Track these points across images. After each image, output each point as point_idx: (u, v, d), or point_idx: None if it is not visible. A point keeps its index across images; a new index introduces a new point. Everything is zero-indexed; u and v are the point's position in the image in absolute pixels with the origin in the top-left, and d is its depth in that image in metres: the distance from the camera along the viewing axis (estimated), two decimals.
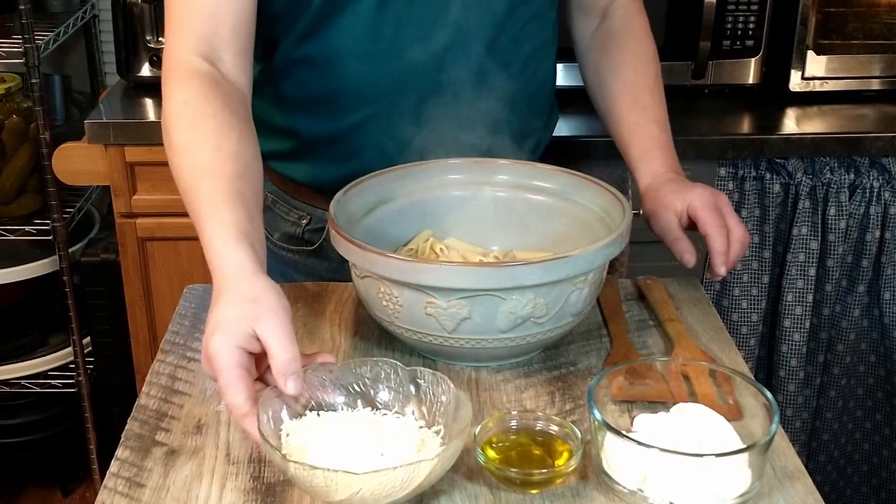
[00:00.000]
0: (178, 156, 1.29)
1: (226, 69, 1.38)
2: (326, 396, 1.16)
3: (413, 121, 1.51)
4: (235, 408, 1.08)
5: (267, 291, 1.14)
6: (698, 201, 1.41)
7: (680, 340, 1.37)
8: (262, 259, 1.20)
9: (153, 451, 1.17)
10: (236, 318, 1.11)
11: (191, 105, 1.31)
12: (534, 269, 1.20)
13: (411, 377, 1.17)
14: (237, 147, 1.28)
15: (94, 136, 2.34)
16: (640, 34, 1.66)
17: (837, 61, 2.51)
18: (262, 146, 1.40)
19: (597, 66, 1.67)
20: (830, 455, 2.66)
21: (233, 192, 1.23)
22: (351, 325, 1.42)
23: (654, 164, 1.52)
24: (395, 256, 1.24)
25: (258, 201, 1.28)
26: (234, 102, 1.34)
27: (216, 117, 1.30)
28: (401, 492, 1.02)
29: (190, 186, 1.26)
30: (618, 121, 1.60)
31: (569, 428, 1.13)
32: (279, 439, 1.10)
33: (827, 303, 2.47)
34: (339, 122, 1.53)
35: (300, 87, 1.54)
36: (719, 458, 1.04)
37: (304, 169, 1.61)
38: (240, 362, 1.10)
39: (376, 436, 1.09)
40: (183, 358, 1.35)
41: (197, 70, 1.35)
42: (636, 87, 1.61)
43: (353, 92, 1.51)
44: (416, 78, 1.49)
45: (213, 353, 1.10)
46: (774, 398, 1.10)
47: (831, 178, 2.36)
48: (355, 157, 1.54)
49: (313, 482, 1.01)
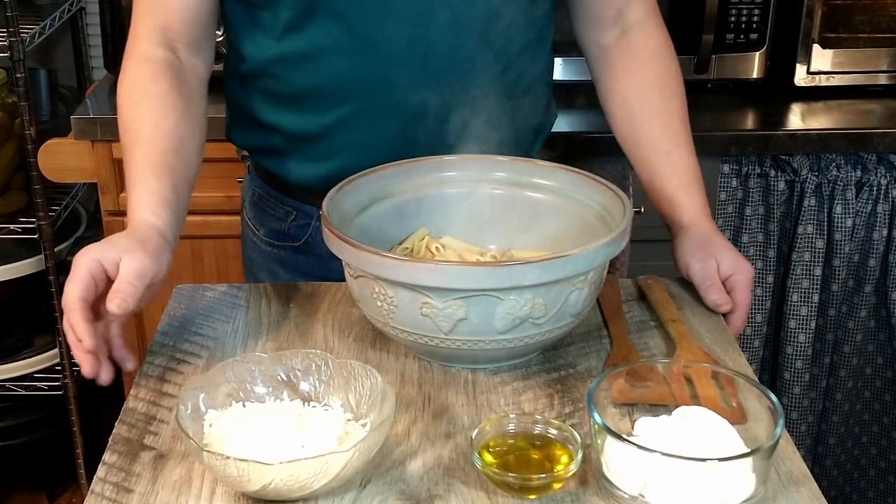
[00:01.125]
0: (123, 130, 1.44)
1: (181, 54, 1.51)
2: (253, 387, 1.20)
3: (399, 118, 1.52)
4: (67, 301, 1.24)
5: (157, 245, 1.31)
6: (724, 265, 1.48)
7: (682, 342, 1.37)
8: (172, 226, 1.36)
9: (141, 455, 1.17)
10: (115, 245, 1.28)
11: (140, 86, 1.46)
12: (532, 268, 1.20)
13: (341, 369, 1.19)
14: (174, 126, 1.43)
15: (80, 131, 2.34)
16: (662, 52, 1.63)
17: (844, 55, 2.51)
18: (248, 141, 1.65)
19: (618, 85, 1.63)
20: (836, 460, 2.66)
21: (161, 164, 1.39)
22: (344, 325, 1.42)
23: (696, 199, 1.55)
24: (389, 256, 1.24)
25: (186, 175, 1.42)
26: (182, 86, 1.48)
27: (160, 97, 1.44)
28: (316, 483, 1.05)
29: (127, 156, 1.41)
30: (646, 146, 1.59)
31: (568, 431, 1.13)
32: (201, 429, 1.13)
33: (833, 303, 2.47)
34: (323, 118, 1.55)
35: (283, 83, 1.55)
36: (722, 463, 1.04)
37: (290, 165, 1.62)
38: (92, 271, 1.25)
39: (300, 427, 1.12)
40: (172, 359, 1.35)
41: (152, 55, 1.48)
42: (665, 111, 1.59)
43: (336, 88, 1.52)
44: (399, 73, 1.49)
45: (77, 259, 1.26)
46: (779, 401, 1.10)
47: (837, 175, 2.36)
48: (340, 155, 1.56)
49: (226, 472, 1.03)
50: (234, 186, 2.37)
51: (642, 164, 1.59)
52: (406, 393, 1.28)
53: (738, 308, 1.47)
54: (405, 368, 1.33)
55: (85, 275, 1.25)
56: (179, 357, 1.36)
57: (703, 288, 1.47)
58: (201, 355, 1.36)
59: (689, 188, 1.55)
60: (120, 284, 1.24)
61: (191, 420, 1.12)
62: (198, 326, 1.42)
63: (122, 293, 1.23)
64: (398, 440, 1.19)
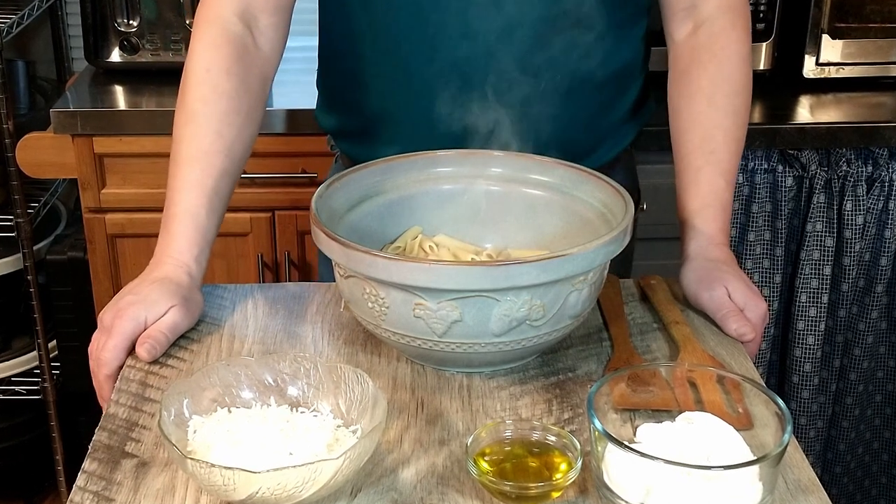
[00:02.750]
0: (185, 120, 1.48)
1: (258, 32, 1.54)
2: (239, 392, 1.20)
3: (479, 110, 1.51)
4: (104, 364, 1.34)
5: (198, 304, 1.42)
6: (736, 297, 1.43)
7: (686, 344, 1.36)
8: (205, 269, 1.45)
9: (123, 463, 1.17)
10: (160, 298, 1.36)
11: (212, 74, 1.48)
12: (530, 268, 1.20)
13: (331, 373, 1.19)
14: (236, 137, 1.48)
15: (60, 125, 2.34)
16: (727, 56, 1.56)
17: (854, 46, 2.51)
18: (331, 123, 1.73)
19: (675, 88, 1.59)
20: (847, 466, 2.66)
21: (215, 192, 1.45)
22: (334, 328, 1.42)
23: (711, 225, 1.50)
24: (381, 255, 1.23)
25: (231, 194, 1.49)
26: (252, 77, 1.52)
27: (230, 98, 1.48)
28: (304, 492, 1.05)
29: (182, 163, 1.46)
30: (681, 158, 1.55)
31: (567, 438, 1.13)
32: (185, 435, 1.13)
33: (843, 304, 2.48)
34: (412, 101, 1.57)
35: (365, 61, 1.59)
36: (728, 471, 1.04)
37: (377, 147, 1.61)
38: (133, 336, 1.35)
39: (287, 434, 1.13)
40: (155, 363, 1.34)
41: (229, 32, 1.50)
42: (707, 122, 1.54)
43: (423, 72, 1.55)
44: (474, 66, 1.52)
45: (123, 317, 1.35)
46: (787, 406, 1.10)
47: (848, 171, 2.36)
48: (418, 140, 1.56)
49: (211, 480, 1.03)
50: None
51: (676, 176, 1.56)
52: (398, 398, 1.28)
53: (748, 346, 1.42)
54: (397, 372, 1.33)
55: (128, 342, 1.35)
56: (162, 360, 1.35)
57: (720, 317, 1.42)
58: (185, 359, 1.36)
59: (707, 212, 1.50)
60: (154, 332, 1.35)
61: (174, 426, 1.12)
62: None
63: (153, 341, 1.34)
64: (390, 447, 1.19)
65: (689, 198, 1.52)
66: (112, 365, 1.33)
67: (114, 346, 1.33)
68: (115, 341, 1.34)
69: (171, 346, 1.37)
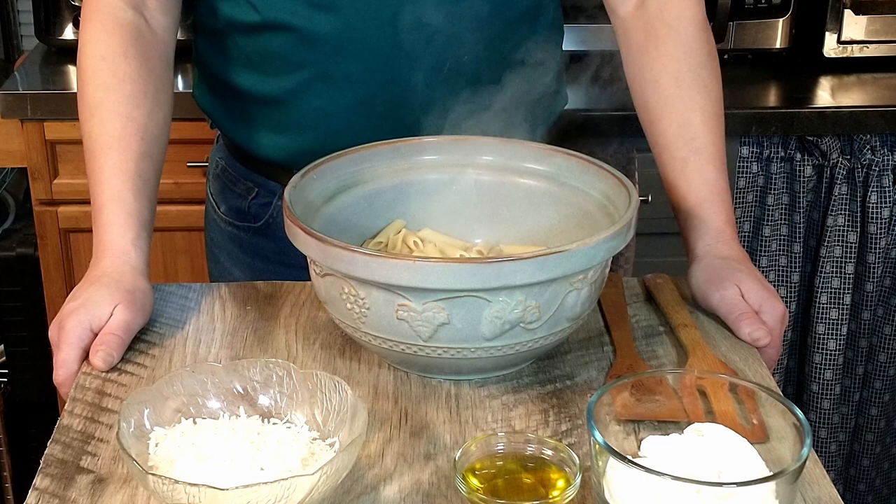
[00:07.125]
0: (89, 113, 1.49)
1: (150, 16, 1.54)
2: (206, 401, 1.20)
3: (366, 90, 1.54)
4: (61, 384, 1.34)
5: (144, 293, 1.41)
6: (750, 297, 1.42)
7: (695, 349, 1.37)
8: (147, 253, 1.46)
9: (78, 479, 1.17)
10: (102, 299, 1.36)
11: (109, 61, 1.49)
12: (524, 265, 1.20)
13: (306, 381, 1.20)
14: (147, 118, 1.48)
15: (8, 109, 2.34)
16: (684, 25, 1.54)
17: (879, 22, 2.52)
18: (213, 105, 1.72)
19: (634, 70, 1.58)
20: (871, 484, 2.67)
21: (136, 174, 1.45)
22: (309, 331, 1.42)
23: (714, 219, 1.49)
24: (360, 251, 1.23)
25: (156, 180, 1.50)
26: (153, 60, 1.52)
27: (132, 82, 1.48)
28: None
29: (97, 153, 1.46)
30: (661, 150, 1.54)
31: (565, 452, 1.13)
32: (146, 449, 1.13)
33: (867, 305, 2.48)
34: (285, 81, 1.58)
35: (249, 41, 1.59)
36: (741, 488, 1.04)
37: (252, 135, 1.65)
38: (83, 344, 1.35)
39: (258, 447, 1.12)
40: (112, 370, 1.34)
41: (120, 18, 1.51)
42: (680, 105, 1.52)
43: (297, 48, 1.55)
44: (366, 38, 1.52)
45: (66, 328, 1.35)
46: (806, 417, 1.10)
47: (872, 160, 2.37)
48: (304, 126, 1.59)
49: (175, 498, 1.03)
50: (183, 171, 2.37)
51: (660, 169, 1.55)
52: (380, 408, 1.28)
53: (765, 353, 1.41)
54: (379, 380, 1.33)
55: (79, 351, 1.35)
56: (120, 367, 1.35)
57: (732, 319, 1.41)
58: (146, 365, 1.36)
59: (706, 207, 1.49)
60: (105, 337, 1.35)
61: (134, 439, 1.12)
62: (142, 331, 1.42)
63: (107, 346, 1.34)
64: (371, 462, 1.19)
65: (681, 195, 1.52)
66: (70, 383, 1.33)
67: (64, 361, 1.34)
68: (63, 355, 1.34)
69: (130, 350, 1.37)
